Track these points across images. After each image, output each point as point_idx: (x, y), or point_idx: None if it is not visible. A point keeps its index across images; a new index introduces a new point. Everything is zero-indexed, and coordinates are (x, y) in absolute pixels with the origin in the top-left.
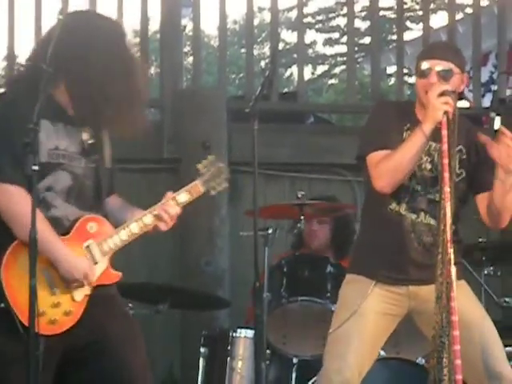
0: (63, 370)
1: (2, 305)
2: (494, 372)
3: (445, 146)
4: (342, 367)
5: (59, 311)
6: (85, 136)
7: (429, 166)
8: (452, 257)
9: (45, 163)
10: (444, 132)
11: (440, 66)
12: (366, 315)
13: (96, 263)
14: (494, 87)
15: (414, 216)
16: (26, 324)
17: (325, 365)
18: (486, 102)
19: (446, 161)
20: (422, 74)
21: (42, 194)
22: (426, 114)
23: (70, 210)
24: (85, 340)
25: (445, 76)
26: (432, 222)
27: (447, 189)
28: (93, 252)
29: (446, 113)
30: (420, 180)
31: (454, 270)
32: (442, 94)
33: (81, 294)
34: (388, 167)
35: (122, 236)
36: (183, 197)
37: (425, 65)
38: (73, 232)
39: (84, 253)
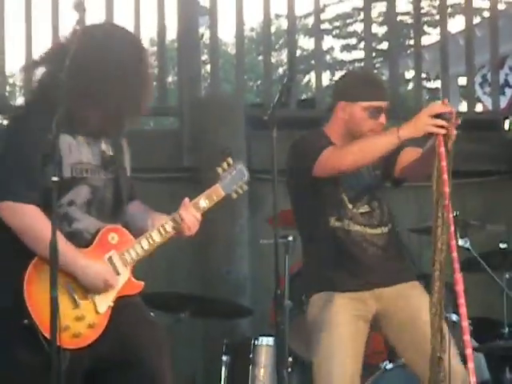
0: (90, 379)
1: (26, 321)
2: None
3: (443, 163)
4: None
5: (83, 324)
6: (104, 147)
7: (360, 180)
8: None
9: (69, 178)
10: (441, 150)
11: (386, 104)
12: (338, 329)
13: (118, 274)
14: (509, 90)
15: (358, 227)
16: (57, 341)
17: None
18: (502, 104)
19: (445, 176)
20: (375, 116)
21: (65, 209)
22: (410, 123)
23: (90, 222)
24: (111, 350)
25: (386, 112)
26: (373, 231)
27: (449, 205)
28: (115, 263)
29: (444, 135)
30: (355, 194)
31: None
32: (438, 116)
33: (104, 306)
34: (353, 149)
35: (144, 245)
36: (203, 202)
37: (376, 106)
38: (94, 244)
39: (106, 264)
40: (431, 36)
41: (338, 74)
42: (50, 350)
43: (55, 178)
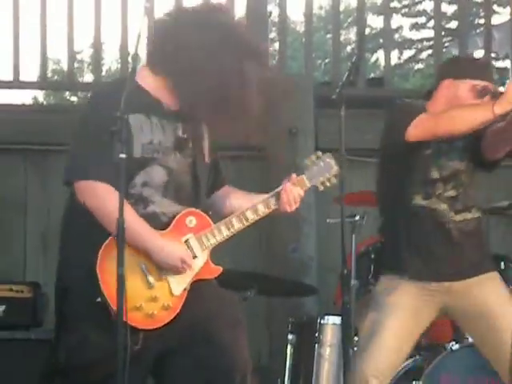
0: (163, 358)
1: (99, 299)
2: None
3: None
4: (377, 372)
5: (157, 305)
6: (180, 130)
7: (445, 162)
8: None
9: (140, 158)
10: None
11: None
12: (395, 312)
13: (195, 257)
14: None
15: (445, 208)
16: (123, 318)
17: (360, 365)
18: None
19: None
20: (480, 96)
21: (139, 190)
22: (503, 98)
23: (168, 205)
24: (185, 331)
25: (495, 97)
26: (458, 217)
27: None
28: (192, 246)
29: None
30: (441, 170)
31: None
32: None
33: (180, 288)
34: (450, 116)
35: (223, 231)
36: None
37: (484, 86)
38: (172, 226)
39: (183, 245)
40: (501, 15)
41: (407, 53)
42: (121, 327)
43: (123, 155)
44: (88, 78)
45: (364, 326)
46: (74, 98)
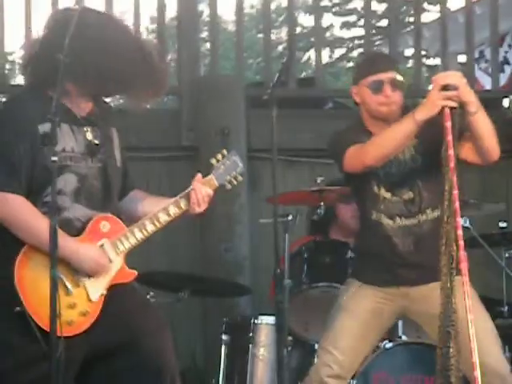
0: (88, 366)
1: (18, 308)
2: (493, 370)
3: (449, 137)
4: (330, 361)
5: (75, 312)
6: (90, 136)
7: (394, 170)
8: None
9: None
10: (448, 124)
11: (389, 76)
12: (354, 312)
13: (111, 262)
14: (509, 67)
15: (391, 222)
16: (43, 326)
17: (316, 366)
18: (501, 81)
19: (451, 151)
20: (376, 90)
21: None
22: (423, 104)
23: (80, 210)
24: (109, 337)
25: (397, 85)
26: (407, 222)
27: (454, 178)
28: (106, 251)
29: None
30: (389, 187)
31: (465, 264)
32: (445, 88)
33: (97, 294)
34: (374, 143)
35: (137, 234)
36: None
37: (375, 80)
38: (86, 232)
39: (98, 248)
40: (431, 13)
41: (338, 52)
42: (42, 337)
43: (54, 158)
44: (20, 79)
45: (327, 327)
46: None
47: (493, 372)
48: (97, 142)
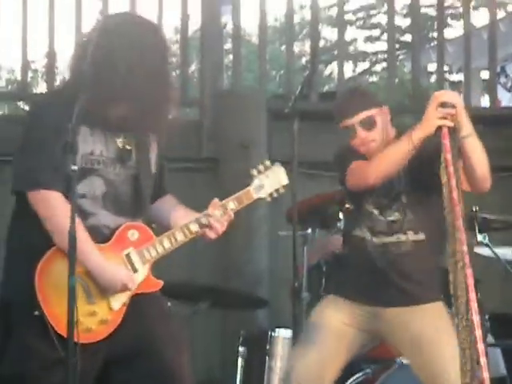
0: (105, 373)
1: (37, 312)
2: None
3: (448, 156)
4: (297, 376)
5: (95, 320)
6: (122, 141)
7: (382, 191)
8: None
9: (79, 168)
10: (446, 142)
11: (360, 117)
12: (326, 326)
13: (136, 271)
14: None
15: (375, 239)
16: (61, 333)
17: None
18: None
19: (451, 169)
20: (351, 135)
21: (78, 202)
22: (421, 122)
23: (109, 217)
24: (128, 344)
25: (369, 123)
26: (386, 240)
27: (455, 195)
28: (133, 260)
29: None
30: (377, 204)
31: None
32: (442, 105)
33: (118, 303)
34: (374, 163)
35: (166, 244)
36: (232, 204)
37: (346, 126)
38: (113, 240)
39: (123, 261)
40: (455, 29)
41: (361, 66)
42: (59, 342)
43: (74, 167)
44: (42, 87)
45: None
46: (27, 108)
47: None
48: (128, 147)
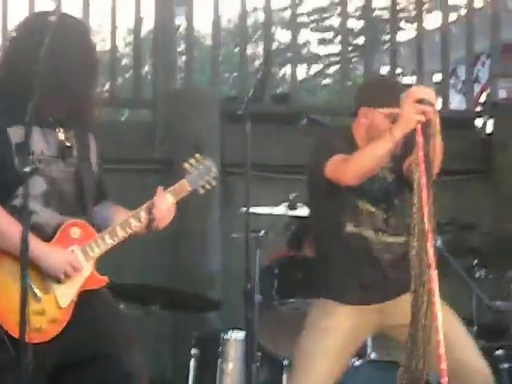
0: (58, 373)
1: None
2: (467, 363)
3: (421, 153)
4: None
5: (44, 319)
6: (61, 137)
7: (378, 185)
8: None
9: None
10: (419, 139)
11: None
12: (330, 333)
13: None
14: (478, 86)
15: (373, 235)
16: (11, 332)
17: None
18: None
19: (423, 167)
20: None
21: (21, 201)
22: (399, 120)
23: (50, 215)
24: (78, 344)
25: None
26: (390, 239)
27: (424, 195)
28: (77, 257)
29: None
30: (371, 201)
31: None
32: (420, 101)
33: (66, 301)
34: (353, 162)
35: (107, 240)
36: (170, 196)
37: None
38: (56, 238)
39: (68, 252)
40: (407, 32)
41: (314, 68)
42: (10, 343)
43: (28, 169)
44: None
45: (299, 349)
46: None
47: (471, 367)
48: (68, 144)
